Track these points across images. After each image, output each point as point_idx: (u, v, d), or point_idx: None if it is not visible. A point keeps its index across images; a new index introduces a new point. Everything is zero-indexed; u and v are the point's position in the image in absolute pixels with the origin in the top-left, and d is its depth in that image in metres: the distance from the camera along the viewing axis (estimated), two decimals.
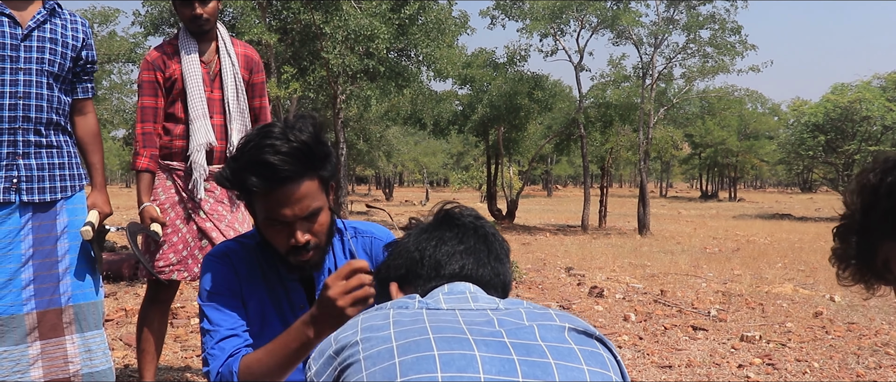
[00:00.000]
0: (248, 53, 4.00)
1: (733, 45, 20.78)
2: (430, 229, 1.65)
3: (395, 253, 1.67)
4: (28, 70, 3.21)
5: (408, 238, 1.67)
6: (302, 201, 2.04)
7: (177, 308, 6.77)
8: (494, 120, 24.37)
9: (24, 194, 3.22)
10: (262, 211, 2.06)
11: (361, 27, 14.75)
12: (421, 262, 1.60)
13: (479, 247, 1.63)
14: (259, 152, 1.98)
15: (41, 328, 3.28)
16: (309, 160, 2.03)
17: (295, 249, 2.08)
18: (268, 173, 1.98)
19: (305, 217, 2.06)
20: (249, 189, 2.02)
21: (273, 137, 2.00)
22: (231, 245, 2.28)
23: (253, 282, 2.25)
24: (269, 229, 2.08)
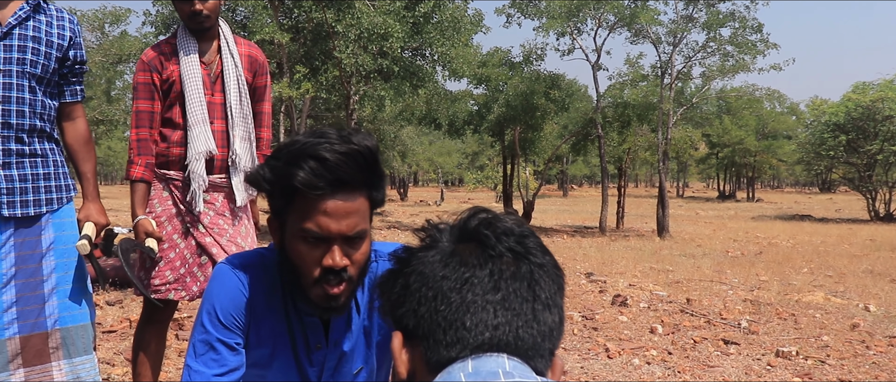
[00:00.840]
0: (253, 53, 3.70)
1: (754, 43, 20.36)
2: (453, 259, 1.15)
3: (401, 289, 1.19)
4: (7, 72, 2.92)
5: (420, 263, 1.18)
6: (351, 216, 1.73)
7: (183, 319, 6.48)
8: (511, 120, 24.04)
9: (5, 208, 2.94)
10: (299, 219, 1.73)
11: (375, 25, 14.44)
12: (436, 317, 1.11)
13: (522, 293, 1.12)
14: (313, 147, 1.68)
15: (25, 354, 3.00)
16: (366, 172, 1.74)
17: (327, 274, 1.75)
18: (321, 171, 1.67)
19: (349, 238, 1.75)
20: (292, 188, 1.70)
21: (329, 136, 1.70)
22: (250, 258, 1.96)
23: (269, 306, 1.93)
24: (300, 245, 1.75)
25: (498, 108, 23.29)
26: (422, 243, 1.23)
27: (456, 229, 1.21)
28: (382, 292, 1.24)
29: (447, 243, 1.19)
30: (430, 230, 1.24)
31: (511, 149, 26.19)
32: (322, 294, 1.78)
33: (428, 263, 1.16)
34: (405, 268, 1.19)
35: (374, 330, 2.04)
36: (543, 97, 22.72)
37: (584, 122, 24.24)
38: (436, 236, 1.21)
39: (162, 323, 3.61)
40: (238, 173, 3.55)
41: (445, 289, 1.12)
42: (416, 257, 1.19)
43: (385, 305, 1.23)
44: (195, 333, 1.90)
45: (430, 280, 1.13)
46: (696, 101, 23.77)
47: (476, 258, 1.14)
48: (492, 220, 1.20)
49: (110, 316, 6.65)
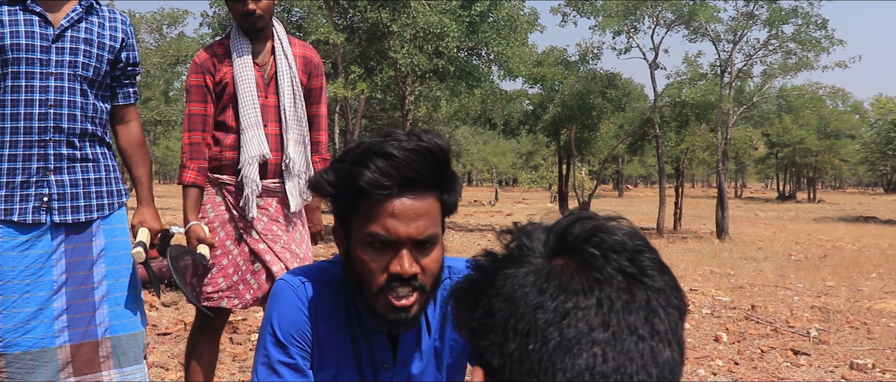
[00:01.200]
0: (307, 54, 3.60)
1: (818, 40, 19.81)
2: (550, 283, 0.90)
3: (484, 315, 0.94)
4: (59, 75, 2.86)
5: (508, 284, 0.92)
6: (420, 219, 1.60)
7: (238, 322, 6.44)
8: (566, 120, 23.80)
9: (56, 214, 2.88)
10: (364, 223, 1.62)
11: (430, 25, 14.33)
12: (529, 359, 0.87)
13: (637, 329, 0.87)
14: (380, 145, 1.58)
15: (75, 363, 2.94)
16: (437, 172, 1.62)
17: (393, 282, 1.62)
18: (388, 168, 1.56)
19: (419, 242, 1.62)
20: (357, 189, 1.59)
21: (397, 134, 1.60)
22: (311, 273, 1.84)
23: (333, 323, 1.81)
24: (366, 251, 1.63)
25: (553, 107, 23.07)
26: (507, 252, 0.98)
27: (553, 240, 0.95)
28: (458, 311, 1.02)
29: (541, 258, 0.94)
30: (519, 237, 0.99)
31: (567, 149, 25.94)
32: (389, 306, 1.64)
33: (518, 285, 0.91)
34: (488, 288, 0.95)
35: (446, 352, 1.90)
36: (600, 97, 22.45)
37: (642, 121, 23.88)
38: (526, 247, 0.96)
39: (215, 331, 3.53)
40: (292, 178, 3.45)
41: (541, 323, 0.87)
42: (502, 274, 0.94)
43: (462, 328, 1.02)
44: (257, 355, 1.80)
45: (520, 309, 0.89)
46: (756, 99, 23.24)
47: (579, 281, 0.90)
48: (598, 230, 0.94)
49: (165, 318, 6.63)
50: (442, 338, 1.88)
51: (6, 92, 2.82)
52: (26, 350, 2.84)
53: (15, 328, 2.82)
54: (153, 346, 5.59)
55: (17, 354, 2.83)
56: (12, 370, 2.83)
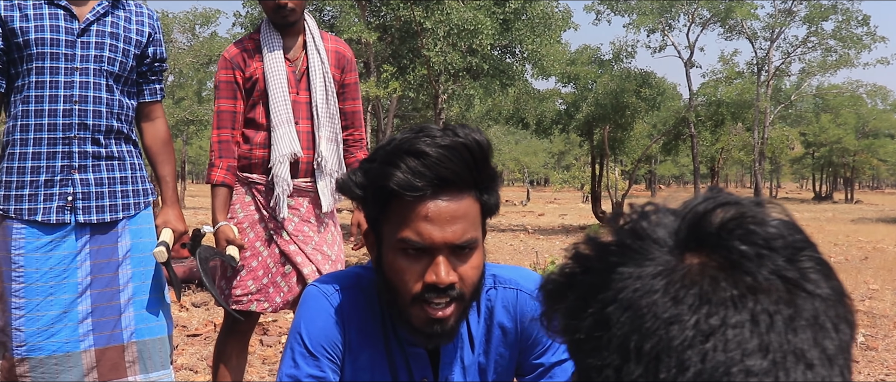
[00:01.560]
0: (340, 49, 3.48)
1: (860, 37, 19.44)
2: (685, 289, 0.68)
3: (595, 326, 0.72)
4: (85, 70, 2.77)
5: (627, 287, 0.71)
6: (457, 222, 1.47)
7: (268, 323, 6.35)
8: (600, 119, 23.58)
9: (81, 213, 2.79)
10: (396, 228, 1.48)
11: (464, 21, 14.20)
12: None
13: (802, 353, 0.66)
14: (411, 142, 1.44)
15: (100, 367, 2.85)
16: (475, 170, 1.47)
17: (429, 292, 1.48)
18: (420, 168, 1.42)
19: (457, 247, 1.48)
20: (387, 191, 1.46)
21: (431, 130, 1.47)
22: (345, 279, 1.70)
23: (367, 335, 1.67)
24: (399, 258, 1.50)
25: (587, 107, 22.87)
26: (622, 241, 0.75)
27: (685, 230, 0.73)
28: (554, 314, 0.80)
29: (669, 253, 0.72)
30: (638, 223, 0.75)
31: (600, 148, 25.71)
32: (424, 318, 1.50)
33: (643, 290, 0.70)
34: (600, 290, 0.73)
35: (490, 368, 1.74)
36: (634, 95, 22.22)
37: (676, 120, 23.61)
38: (645, 233, 0.74)
39: (244, 334, 3.42)
40: (324, 177, 3.33)
41: (677, 344, 0.66)
42: (618, 273, 0.72)
43: (560, 336, 0.79)
44: (283, 366, 1.66)
45: (648, 323, 0.68)
46: (794, 98, 22.89)
47: (727, 288, 0.67)
48: (746, 219, 0.71)
49: (195, 319, 6.55)
50: (487, 353, 1.73)
51: (30, 88, 2.73)
52: (50, 354, 2.75)
53: (39, 332, 2.73)
54: (183, 348, 5.52)
55: (40, 358, 2.74)
56: (36, 374, 2.74)
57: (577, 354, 0.75)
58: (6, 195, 2.75)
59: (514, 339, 1.73)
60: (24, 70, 2.75)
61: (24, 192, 2.74)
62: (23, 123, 2.74)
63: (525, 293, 1.73)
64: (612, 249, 0.75)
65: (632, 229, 0.76)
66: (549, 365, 1.73)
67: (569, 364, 1.72)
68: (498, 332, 1.72)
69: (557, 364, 1.73)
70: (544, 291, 0.82)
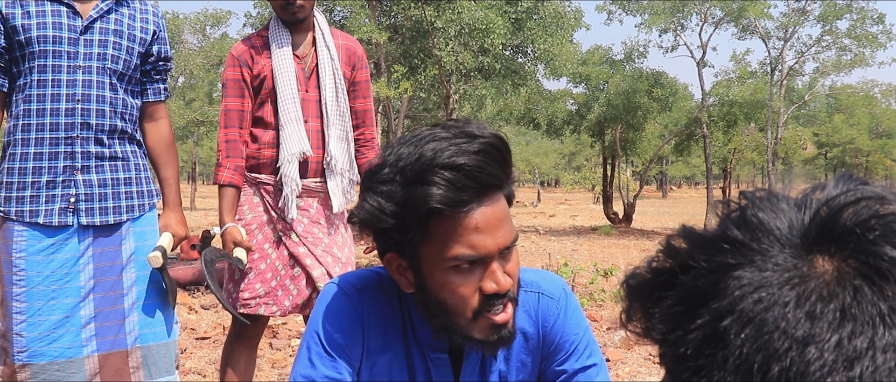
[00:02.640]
0: (350, 45, 3.38)
1: (875, 35, 19.28)
2: (821, 303, 0.57)
3: (707, 341, 0.61)
4: (88, 68, 2.69)
5: (744, 295, 0.60)
6: (503, 224, 1.40)
7: (277, 326, 6.26)
8: (612, 119, 23.45)
9: (84, 215, 2.71)
10: (442, 247, 1.38)
11: (476, 20, 14.08)
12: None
13: None
14: (439, 155, 1.33)
15: (104, 373, 2.77)
16: (505, 167, 1.40)
17: (490, 300, 1.40)
18: (464, 179, 1.33)
19: (505, 250, 1.42)
20: (428, 212, 1.35)
21: (445, 136, 1.36)
22: (366, 279, 1.62)
23: (387, 338, 1.59)
24: (451, 277, 1.40)
25: (599, 107, 22.75)
26: (731, 237, 0.63)
27: (813, 227, 0.61)
28: (647, 318, 0.68)
29: (793, 253, 0.61)
30: (749, 213, 0.64)
31: (611, 149, 25.58)
32: (489, 327, 1.43)
33: (768, 301, 0.58)
34: (711, 297, 0.61)
35: (512, 375, 1.66)
36: (646, 96, 22.08)
37: (689, 121, 23.47)
38: (763, 227, 0.63)
39: (252, 339, 3.33)
40: (334, 177, 3.24)
41: (814, 370, 0.55)
42: (732, 278, 0.61)
43: (660, 344, 0.67)
44: (298, 365, 1.58)
45: (776, 342, 0.57)
46: (808, 98, 22.73)
47: (874, 302, 0.56)
48: (889, 216, 0.59)
49: (204, 322, 6.48)
50: (507, 360, 1.65)
51: (32, 86, 2.66)
52: (52, 360, 2.67)
53: (40, 337, 2.66)
54: (191, 351, 5.44)
55: (42, 364, 2.66)
56: (37, 381, 2.66)
57: (679, 370, 0.63)
58: (7, 197, 2.68)
59: (535, 345, 1.66)
60: (25, 69, 2.67)
61: (25, 193, 2.66)
62: (24, 123, 2.67)
63: (547, 296, 1.66)
64: (721, 246, 0.63)
65: (744, 221, 0.63)
66: (573, 372, 1.65)
67: (593, 370, 1.66)
68: (519, 338, 1.64)
69: (581, 370, 1.65)
70: (629, 287, 0.71)
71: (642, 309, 0.69)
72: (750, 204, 0.65)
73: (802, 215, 0.62)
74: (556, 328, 1.65)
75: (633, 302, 0.70)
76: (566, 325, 1.65)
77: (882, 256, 0.57)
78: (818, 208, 0.62)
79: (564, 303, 1.67)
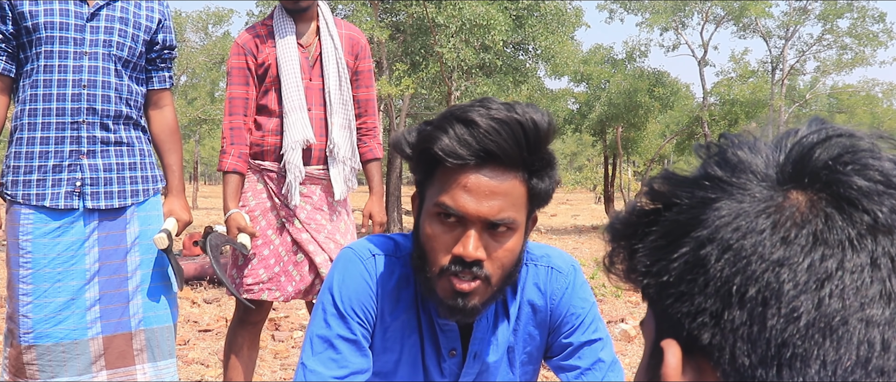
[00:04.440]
0: (354, 35, 3.41)
1: (876, 34, 19.30)
2: (795, 229, 0.61)
3: (687, 268, 0.65)
4: (93, 55, 2.72)
5: (724, 224, 0.63)
6: (496, 198, 1.42)
7: (279, 319, 6.30)
8: (613, 118, 23.50)
9: (89, 199, 2.74)
10: (436, 192, 1.45)
11: (477, 16, 14.12)
12: (767, 338, 0.60)
13: None
14: (466, 110, 1.40)
15: (108, 355, 2.80)
16: (527, 150, 1.41)
17: (455, 264, 1.44)
18: (467, 137, 1.38)
19: (491, 224, 1.43)
20: (432, 155, 1.42)
21: (491, 102, 1.42)
22: (382, 245, 1.66)
23: (400, 302, 1.63)
24: (433, 224, 1.46)
25: (600, 106, 22.79)
26: (711, 175, 0.67)
27: (791, 160, 0.65)
28: (628, 255, 0.72)
29: (769, 187, 0.64)
30: (732, 153, 0.68)
31: (612, 149, 25.62)
32: (448, 289, 1.46)
33: (745, 229, 0.62)
34: (692, 227, 0.65)
35: (518, 348, 1.70)
36: (647, 95, 22.12)
37: (690, 120, 23.50)
38: (742, 164, 0.66)
39: (255, 325, 3.36)
40: (337, 164, 3.27)
41: (788, 289, 0.59)
42: (713, 209, 0.65)
43: (638, 281, 0.71)
44: (312, 325, 1.62)
45: (753, 265, 0.61)
46: (809, 97, 22.76)
47: (843, 227, 0.60)
48: (861, 151, 0.63)
49: (207, 315, 6.51)
50: (516, 332, 1.68)
51: (39, 72, 2.69)
52: (57, 341, 2.71)
53: (46, 319, 2.69)
54: (194, 342, 5.47)
55: (47, 346, 2.70)
56: (43, 362, 2.70)
57: (662, 300, 0.67)
58: (14, 181, 2.71)
59: (544, 318, 1.69)
60: (32, 55, 2.71)
61: (32, 177, 2.70)
62: (31, 108, 2.70)
63: (556, 270, 1.69)
64: (701, 182, 0.67)
65: (724, 158, 0.67)
66: (579, 345, 1.67)
67: (599, 343, 1.68)
68: (528, 310, 1.68)
69: (586, 343, 1.67)
70: (613, 230, 0.74)
71: (627, 248, 0.72)
72: (730, 144, 0.69)
73: (778, 154, 0.66)
74: (564, 302, 1.67)
75: (618, 242, 0.73)
76: (573, 298, 1.68)
77: (851, 185, 0.61)
78: (792, 146, 0.66)
79: (573, 278, 1.70)
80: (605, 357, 1.67)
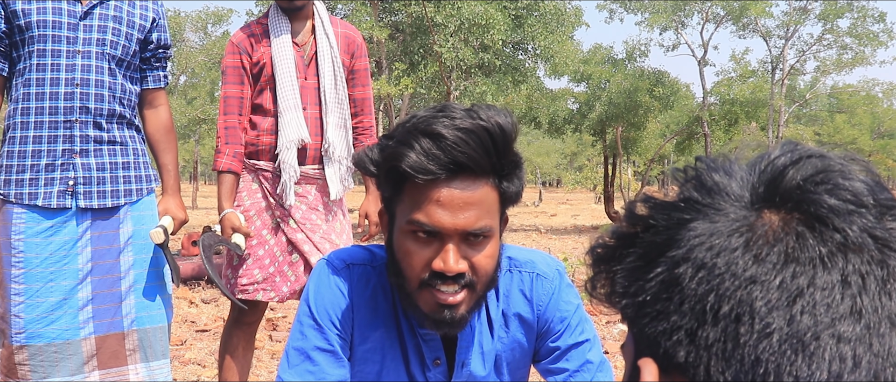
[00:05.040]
0: (350, 33, 3.40)
1: (876, 34, 19.29)
2: (767, 247, 0.62)
3: (662, 288, 0.66)
4: (87, 53, 2.71)
5: (700, 244, 0.64)
6: (470, 208, 1.40)
7: (277, 319, 6.28)
8: (613, 118, 23.47)
9: (82, 198, 2.72)
10: (408, 209, 1.42)
11: (476, 15, 14.10)
12: (740, 355, 0.60)
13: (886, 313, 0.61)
14: (430, 122, 1.36)
15: (101, 355, 2.78)
16: (495, 155, 1.39)
17: (436, 279, 1.41)
18: (435, 151, 1.35)
19: (468, 235, 1.41)
20: (400, 172, 1.39)
21: (453, 110, 1.38)
22: (357, 256, 1.64)
23: (377, 314, 1.60)
24: (408, 241, 1.43)
25: (600, 106, 22.76)
26: (687, 197, 0.68)
27: (763, 182, 0.66)
28: (607, 278, 0.73)
29: (743, 207, 0.66)
30: (707, 176, 0.69)
31: (612, 148, 25.60)
32: (433, 302, 1.43)
33: (718, 248, 0.63)
34: (667, 248, 0.66)
35: (505, 355, 1.68)
36: (647, 94, 22.10)
37: (690, 120, 23.48)
38: (716, 187, 0.67)
39: (250, 326, 3.34)
40: (332, 164, 3.25)
41: (760, 305, 0.60)
42: (687, 229, 0.66)
43: (617, 302, 0.72)
44: (290, 339, 1.61)
45: (726, 283, 0.62)
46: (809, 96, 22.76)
47: (814, 246, 0.61)
48: (832, 172, 0.64)
49: (205, 315, 6.49)
50: (503, 340, 1.67)
51: (31, 71, 2.67)
52: (50, 341, 2.69)
53: (38, 319, 2.67)
54: (191, 343, 5.46)
55: (39, 346, 2.68)
56: (35, 362, 2.68)
57: (640, 319, 0.68)
58: (7, 180, 2.69)
59: (531, 325, 1.67)
60: (25, 53, 2.69)
61: (24, 176, 2.68)
62: (24, 107, 2.68)
63: (542, 276, 1.67)
64: (678, 205, 0.68)
65: (700, 182, 0.69)
66: (566, 348, 1.66)
67: (586, 344, 1.67)
68: (514, 318, 1.65)
69: (574, 345, 1.66)
70: (595, 254, 0.75)
71: (607, 271, 0.74)
72: (706, 168, 0.70)
73: (752, 176, 0.68)
74: (551, 307, 1.66)
75: (599, 267, 0.75)
76: (559, 303, 1.67)
77: (822, 204, 0.63)
78: (765, 167, 0.67)
79: (558, 282, 1.68)
80: (593, 359, 1.66)
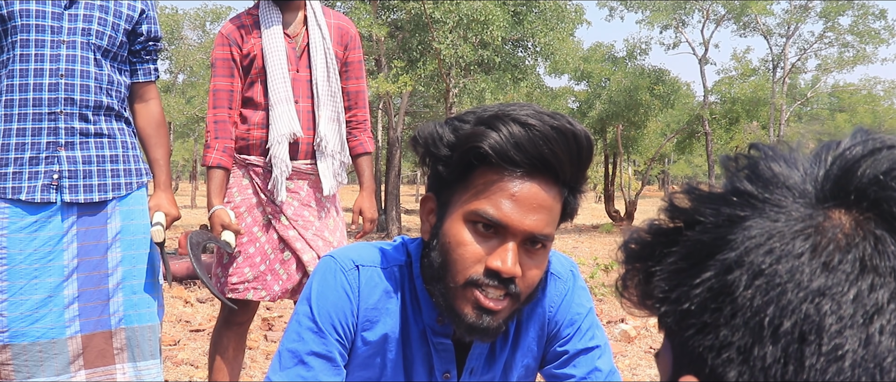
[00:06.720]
0: (343, 24, 3.31)
1: (877, 31, 19.21)
2: (838, 254, 0.53)
3: (711, 296, 0.56)
4: (72, 43, 2.63)
5: (756, 247, 0.54)
6: (542, 212, 1.31)
7: (272, 319, 6.20)
8: (613, 117, 23.41)
9: (67, 192, 2.65)
10: (472, 197, 1.32)
11: (475, 11, 14.02)
12: (802, 376, 0.51)
13: None
14: (517, 110, 1.28)
15: (87, 354, 2.71)
16: (577, 164, 1.31)
17: (486, 278, 1.32)
18: (523, 139, 1.26)
19: (531, 239, 1.32)
20: (476, 154, 1.29)
21: (540, 107, 1.30)
22: (367, 255, 1.53)
23: (384, 319, 1.50)
24: (465, 231, 1.33)
25: (601, 104, 22.70)
26: (740, 189, 0.59)
27: (831, 176, 0.57)
28: (641, 280, 0.64)
29: (806, 204, 0.57)
30: (760, 164, 0.60)
31: (613, 147, 25.53)
32: (473, 304, 1.33)
33: (781, 252, 0.54)
34: (717, 249, 0.57)
35: (516, 365, 1.58)
36: (648, 93, 22.03)
37: (690, 118, 23.42)
38: (775, 179, 0.58)
39: (241, 326, 3.26)
40: (325, 159, 3.16)
41: (830, 323, 0.51)
42: (741, 229, 0.57)
43: (654, 308, 0.63)
44: (285, 339, 1.51)
45: (789, 294, 0.52)
46: (810, 95, 22.70)
47: (892, 254, 0.52)
48: None
49: (199, 314, 6.41)
50: (513, 350, 1.57)
51: (15, 61, 2.60)
52: (34, 341, 2.61)
53: (22, 317, 2.59)
54: (184, 343, 5.38)
55: (23, 345, 2.60)
56: (19, 362, 2.60)
57: (682, 330, 0.59)
58: None
59: (542, 327, 1.58)
60: (8, 44, 2.62)
61: (7, 170, 2.60)
62: (7, 98, 2.61)
63: (556, 276, 1.58)
64: (729, 198, 0.59)
65: (755, 173, 0.59)
66: (575, 353, 1.57)
67: (596, 351, 1.58)
68: (527, 320, 1.57)
69: (583, 351, 1.57)
70: (628, 250, 0.66)
71: (643, 270, 0.65)
72: (763, 156, 0.60)
73: (817, 169, 0.58)
74: (563, 309, 1.58)
75: (633, 264, 0.66)
76: (572, 304, 1.58)
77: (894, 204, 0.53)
78: (834, 159, 0.58)
79: (572, 284, 1.60)
80: (603, 366, 1.57)
